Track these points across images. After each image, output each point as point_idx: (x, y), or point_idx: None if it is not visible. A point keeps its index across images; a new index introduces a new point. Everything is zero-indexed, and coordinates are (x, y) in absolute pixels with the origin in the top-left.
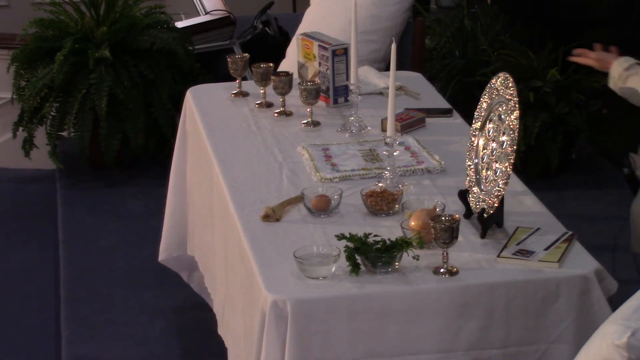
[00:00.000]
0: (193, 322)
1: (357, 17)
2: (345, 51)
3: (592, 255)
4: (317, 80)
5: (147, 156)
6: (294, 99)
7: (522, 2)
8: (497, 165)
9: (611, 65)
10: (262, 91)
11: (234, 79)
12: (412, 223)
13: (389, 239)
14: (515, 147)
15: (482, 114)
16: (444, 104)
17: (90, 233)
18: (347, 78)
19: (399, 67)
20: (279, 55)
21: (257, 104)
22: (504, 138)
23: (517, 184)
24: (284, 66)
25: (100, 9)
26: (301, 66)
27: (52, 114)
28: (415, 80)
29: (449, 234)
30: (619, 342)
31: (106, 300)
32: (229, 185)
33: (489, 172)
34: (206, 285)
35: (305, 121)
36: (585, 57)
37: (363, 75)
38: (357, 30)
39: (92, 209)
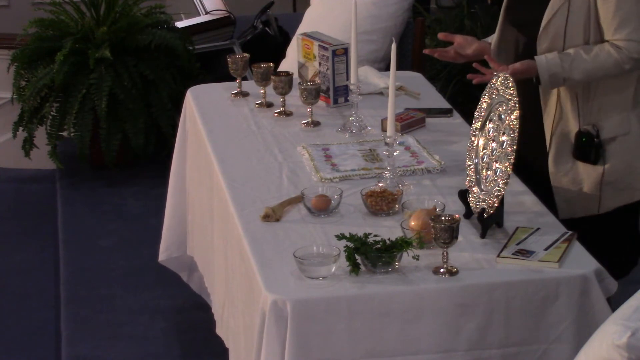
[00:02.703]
0: (193, 322)
1: (357, 17)
2: (345, 51)
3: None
4: (317, 80)
5: (147, 156)
6: (294, 99)
7: None
8: (497, 165)
9: (535, 68)
10: (262, 91)
11: (234, 79)
12: (412, 223)
13: (389, 239)
14: (515, 147)
15: (482, 114)
16: (444, 104)
17: (90, 233)
18: (347, 78)
19: (399, 67)
20: (279, 55)
21: (257, 104)
22: (504, 138)
23: (517, 184)
24: (284, 66)
25: (100, 9)
26: (301, 66)
27: (52, 114)
28: (415, 80)
29: (449, 234)
30: (619, 342)
31: (106, 300)
32: (228, 185)
33: (489, 172)
34: (206, 285)
35: (305, 121)
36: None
37: (363, 75)
38: (357, 30)
39: (92, 209)
